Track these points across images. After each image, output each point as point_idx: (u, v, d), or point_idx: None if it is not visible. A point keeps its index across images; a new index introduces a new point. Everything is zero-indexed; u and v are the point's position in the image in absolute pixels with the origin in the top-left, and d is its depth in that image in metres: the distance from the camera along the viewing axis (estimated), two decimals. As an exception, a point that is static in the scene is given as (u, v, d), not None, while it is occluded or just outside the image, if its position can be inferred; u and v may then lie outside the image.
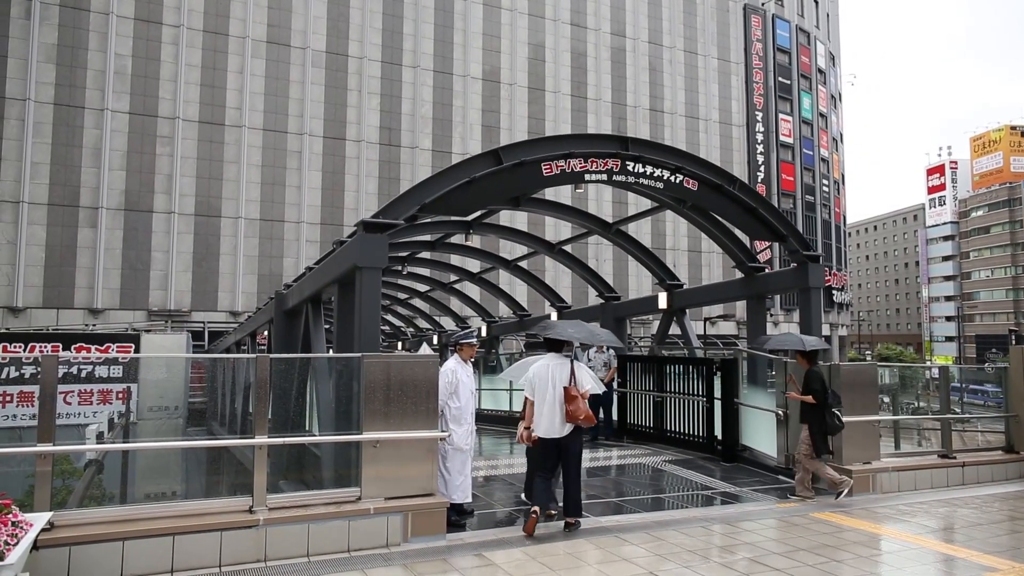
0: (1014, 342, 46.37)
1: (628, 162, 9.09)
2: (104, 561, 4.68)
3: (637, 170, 9.15)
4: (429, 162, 41.12)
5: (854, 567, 5.20)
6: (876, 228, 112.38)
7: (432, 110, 42.42)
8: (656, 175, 9.24)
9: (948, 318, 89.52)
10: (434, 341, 23.35)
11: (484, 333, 19.26)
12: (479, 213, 11.61)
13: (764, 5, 54.36)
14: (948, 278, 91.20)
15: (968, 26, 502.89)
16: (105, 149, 34.84)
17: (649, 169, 9.21)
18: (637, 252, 13.13)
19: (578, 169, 8.74)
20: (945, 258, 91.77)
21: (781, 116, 53.96)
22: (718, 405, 9.95)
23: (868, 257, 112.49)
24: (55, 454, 4.85)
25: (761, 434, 9.36)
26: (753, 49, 53.01)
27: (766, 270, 11.47)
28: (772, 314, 47.92)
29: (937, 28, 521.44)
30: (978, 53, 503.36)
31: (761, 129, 52.69)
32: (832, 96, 61.44)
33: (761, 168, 52.30)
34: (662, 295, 12.96)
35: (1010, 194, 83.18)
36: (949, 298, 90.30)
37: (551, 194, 13.62)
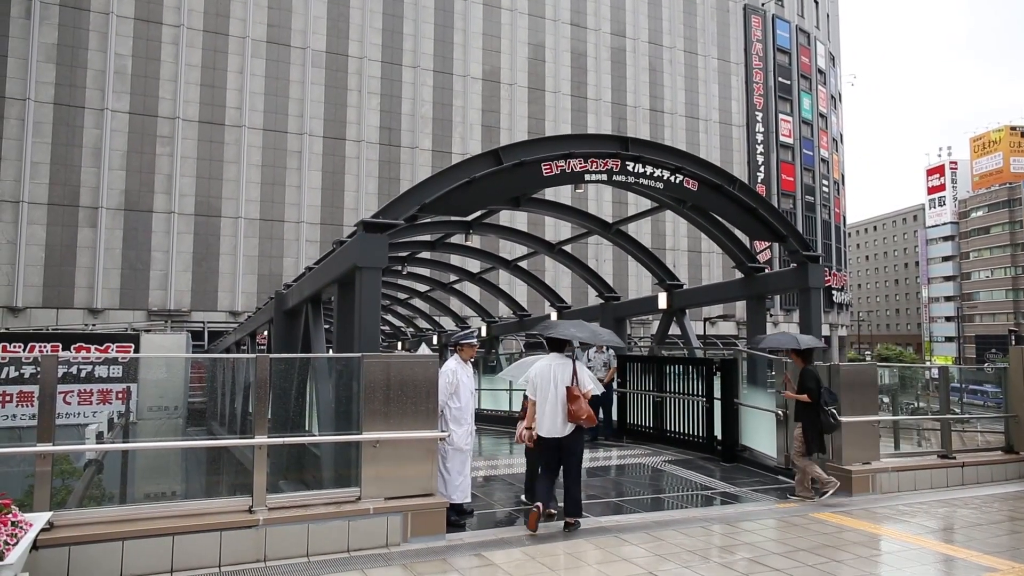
0: (1014, 342, 46.34)
1: (628, 162, 9.10)
2: (104, 561, 4.68)
3: (637, 170, 9.15)
4: (429, 162, 41.14)
5: (854, 567, 5.20)
6: (876, 228, 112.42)
7: (432, 110, 42.43)
8: (656, 175, 9.25)
9: (948, 318, 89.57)
10: (434, 341, 23.34)
11: (484, 333, 19.26)
12: (479, 213, 11.61)
13: (764, 5, 54.38)
14: (948, 278, 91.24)
15: (968, 26, 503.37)
16: (105, 149, 34.85)
17: (649, 169, 9.21)
18: (637, 252, 13.13)
19: (578, 169, 8.75)
20: (945, 258, 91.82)
21: (781, 116, 53.97)
22: (718, 405, 9.96)
23: (868, 257, 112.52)
24: (55, 454, 4.85)
25: (761, 434, 9.37)
26: (753, 49, 53.03)
27: (766, 270, 11.47)
28: (772, 314, 47.94)
29: (937, 28, 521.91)
30: (978, 53, 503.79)
31: (761, 129, 52.71)
32: (832, 96, 61.46)
33: (761, 168, 52.31)
34: (662, 295, 12.96)
35: (1010, 194, 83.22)
36: (949, 298, 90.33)
37: (551, 194, 13.63)
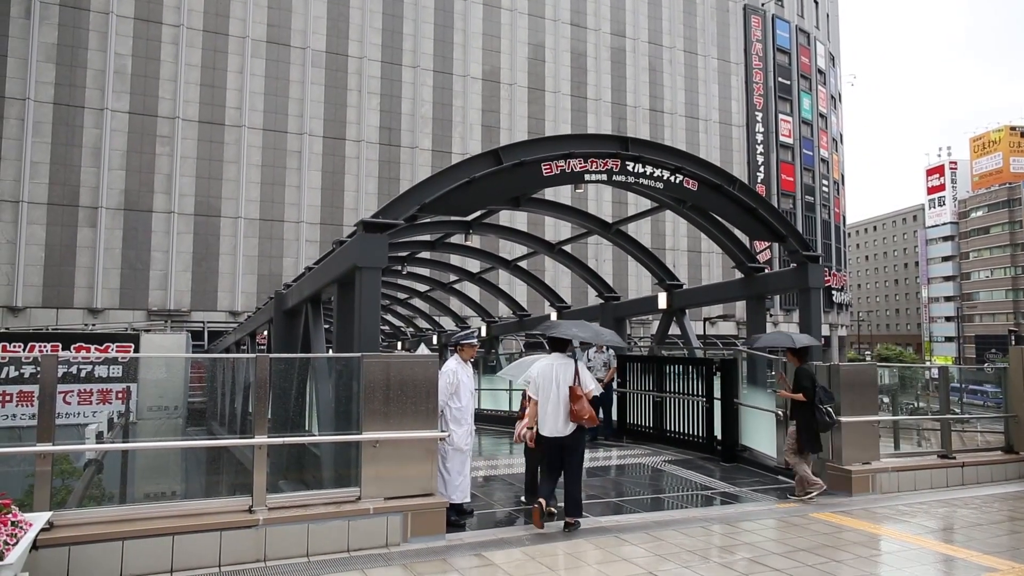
0: (1013, 342, 46.34)
1: (628, 162, 9.09)
2: (103, 561, 4.68)
3: (637, 170, 9.15)
4: (429, 162, 41.14)
5: (854, 567, 5.20)
6: (876, 228, 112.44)
7: (432, 110, 42.43)
8: (656, 175, 9.24)
9: (948, 318, 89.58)
10: (433, 341, 23.34)
11: (484, 333, 19.26)
12: (479, 213, 11.61)
13: (764, 5, 54.38)
14: (948, 278, 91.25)
15: (968, 26, 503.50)
16: (105, 149, 34.84)
17: (649, 169, 9.21)
18: (637, 252, 13.13)
19: (578, 169, 8.74)
20: (945, 258, 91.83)
21: (781, 116, 53.98)
22: (718, 405, 9.95)
23: (868, 257, 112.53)
24: (54, 454, 4.85)
25: (761, 434, 9.37)
26: (753, 49, 53.03)
27: (766, 270, 11.47)
28: (772, 314, 47.95)
29: (937, 28, 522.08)
30: (978, 53, 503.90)
31: (761, 129, 52.71)
32: (832, 96, 61.46)
33: (761, 168, 52.31)
34: (662, 295, 12.96)
35: (1010, 194, 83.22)
36: (949, 298, 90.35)
37: (551, 194, 13.62)
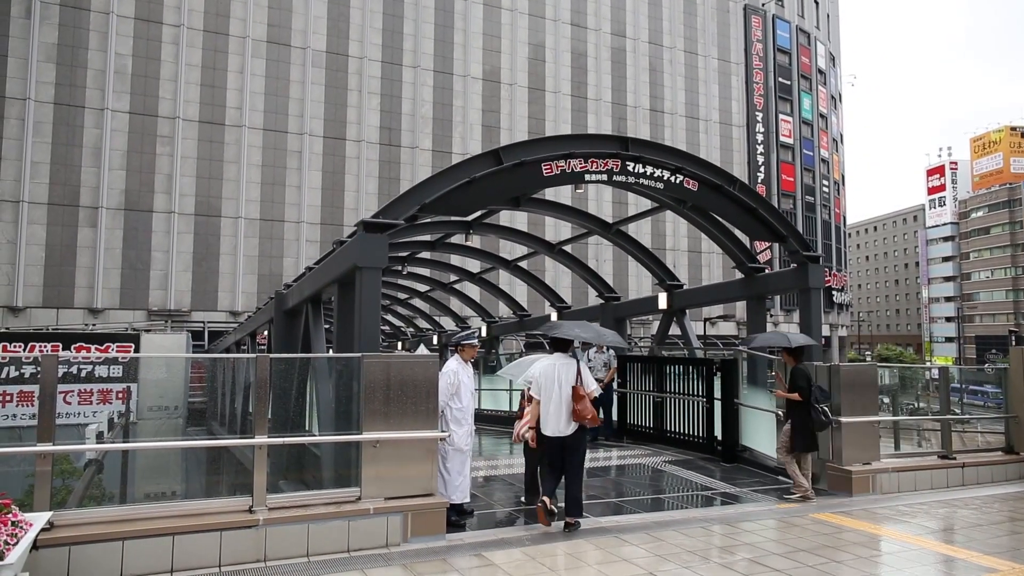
0: (1014, 343, 46.34)
1: (628, 162, 9.09)
2: (104, 561, 4.68)
3: (637, 170, 9.14)
4: (429, 162, 41.13)
5: (854, 568, 5.20)
6: (876, 229, 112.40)
7: (432, 110, 42.42)
8: (656, 175, 9.24)
9: (948, 319, 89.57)
10: (433, 341, 23.34)
11: (484, 333, 19.25)
12: (479, 213, 11.60)
13: (764, 6, 54.38)
14: (948, 279, 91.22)
15: (968, 26, 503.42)
16: (105, 149, 34.85)
17: (649, 169, 9.20)
18: (637, 252, 13.13)
19: (578, 169, 8.74)
20: (945, 259, 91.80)
21: (781, 117, 53.97)
22: (718, 405, 9.95)
23: (868, 258, 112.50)
24: (55, 454, 4.85)
25: (761, 435, 9.36)
26: (753, 49, 53.02)
27: (766, 271, 11.47)
28: (772, 315, 47.93)
29: (937, 28, 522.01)
30: (978, 53, 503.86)
31: (761, 130, 52.70)
32: (832, 97, 61.45)
33: (761, 168, 52.30)
34: (662, 295, 12.96)
35: (1010, 195, 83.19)
36: (949, 299, 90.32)
37: (551, 194, 13.63)
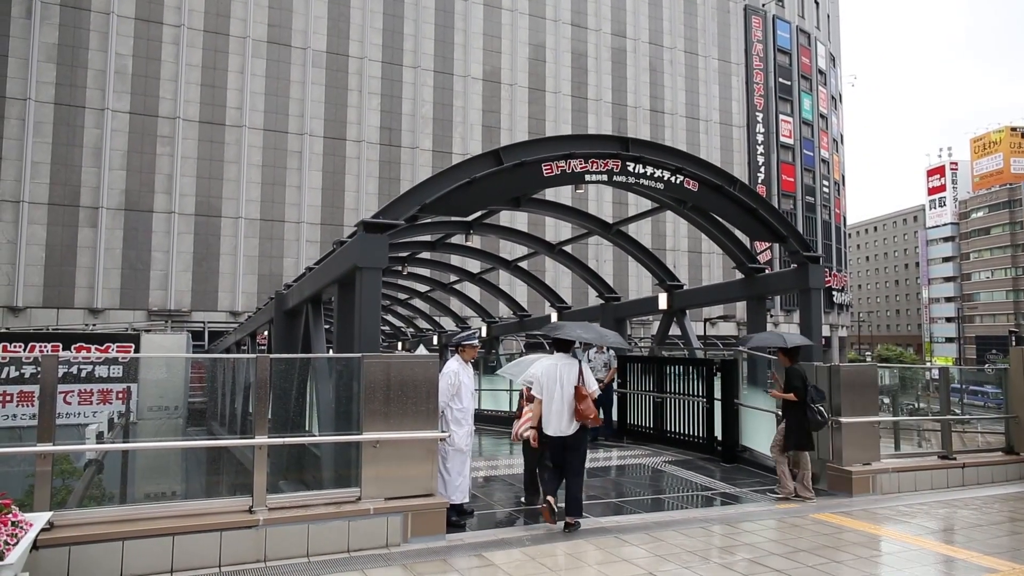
0: (1014, 343, 46.32)
1: (628, 163, 9.08)
2: (104, 561, 4.68)
3: (637, 171, 9.14)
4: (429, 162, 41.13)
5: (854, 568, 5.20)
6: (876, 229, 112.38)
7: (432, 110, 42.42)
8: (656, 176, 9.24)
9: (948, 319, 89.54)
10: (433, 342, 23.34)
11: (484, 333, 19.26)
12: (479, 213, 11.60)
13: (765, 6, 54.37)
14: (948, 279, 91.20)
15: (968, 26, 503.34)
16: (105, 149, 34.84)
17: (649, 170, 9.20)
18: (637, 253, 13.12)
19: (579, 170, 8.74)
20: (945, 259, 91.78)
21: (781, 117, 53.96)
22: (718, 406, 9.95)
23: (868, 258, 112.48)
24: (55, 454, 4.85)
25: (761, 435, 9.36)
26: (754, 50, 53.02)
27: (766, 271, 11.47)
28: (772, 315, 47.90)
29: (937, 28, 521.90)
30: (978, 53, 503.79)
31: (761, 130, 52.70)
32: (832, 97, 61.44)
33: (761, 169, 52.30)
34: (662, 296, 12.96)
35: (1010, 195, 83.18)
36: (949, 299, 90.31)
37: (551, 194, 13.63)
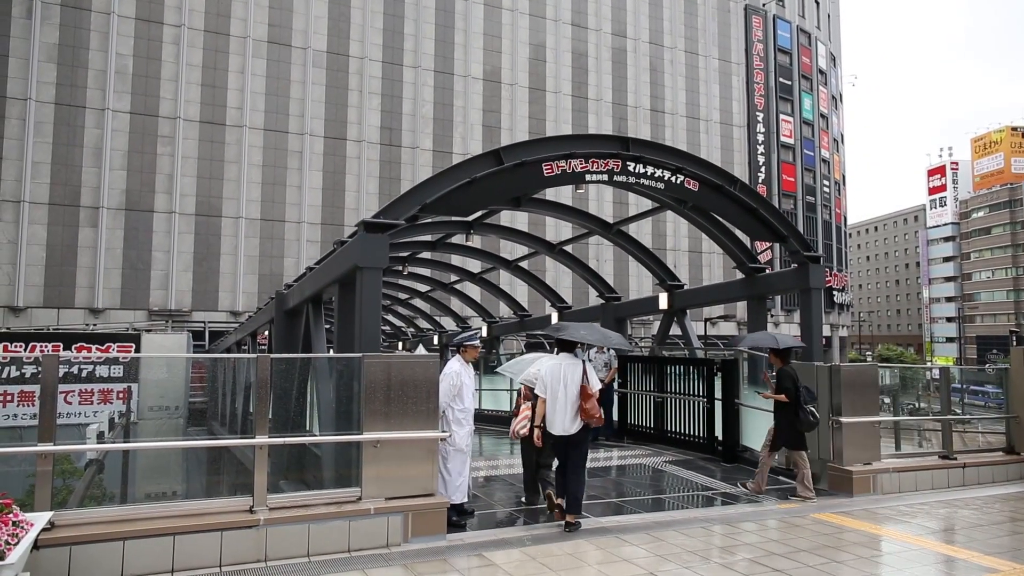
0: (1015, 343, 46.26)
1: (629, 162, 9.08)
2: (104, 561, 4.68)
3: (638, 170, 9.14)
4: (430, 162, 41.13)
5: (855, 568, 5.20)
6: (877, 229, 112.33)
7: (433, 110, 42.42)
8: (657, 175, 9.23)
9: (949, 319, 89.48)
10: (434, 342, 23.35)
11: (485, 333, 19.25)
12: (480, 213, 11.60)
13: (765, 6, 54.35)
14: (949, 279, 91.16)
15: (968, 26, 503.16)
16: (106, 149, 34.85)
17: (650, 170, 9.20)
18: (638, 252, 13.12)
19: (579, 169, 8.73)
20: (946, 259, 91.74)
21: (782, 117, 53.94)
22: (719, 406, 9.96)
23: (869, 258, 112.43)
24: (56, 454, 4.85)
25: (762, 435, 9.28)
26: (754, 50, 53.00)
27: (767, 271, 11.46)
28: (772, 315, 47.90)
29: (937, 28, 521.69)
30: (978, 53, 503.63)
31: (762, 130, 52.68)
32: (833, 97, 61.41)
33: (762, 169, 52.28)
34: (663, 295, 12.95)
35: (1011, 195, 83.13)
36: (950, 299, 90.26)
37: (552, 194, 13.61)
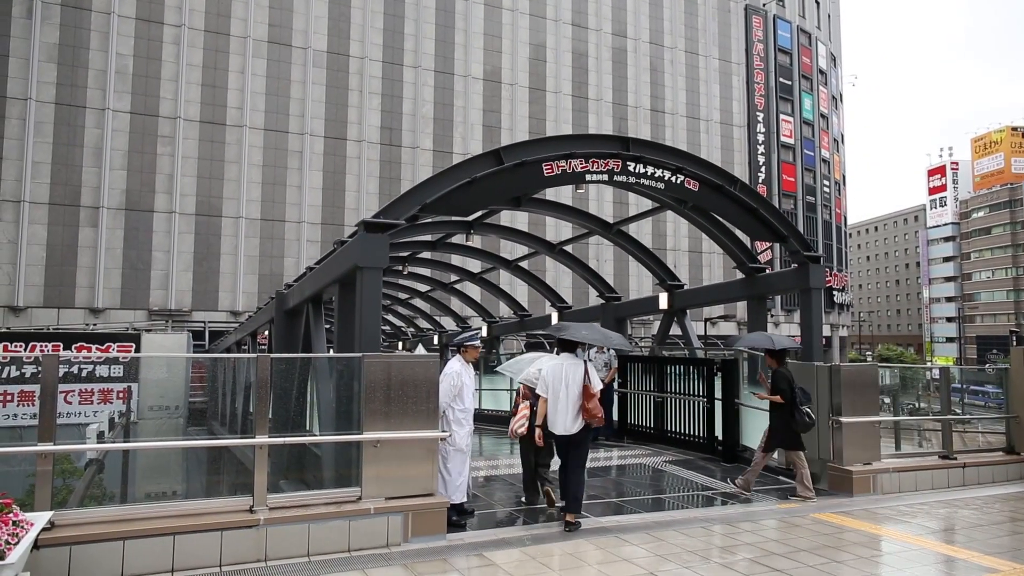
0: (1015, 343, 46.26)
1: (629, 162, 9.07)
2: (104, 560, 4.68)
3: (638, 170, 9.13)
4: (430, 162, 41.13)
5: (855, 568, 5.20)
6: (877, 229, 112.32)
7: (433, 110, 42.42)
8: (657, 175, 9.23)
9: (949, 319, 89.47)
10: (434, 341, 23.34)
11: (485, 333, 19.25)
12: (480, 213, 11.59)
13: (765, 6, 54.34)
14: (949, 279, 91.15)
15: (968, 26, 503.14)
16: (106, 148, 34.86)
17: (650, 169, 9.19)
18: (638, 252, 13.11)
19: (579, 169, 8.73)
20: (946, 259, 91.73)
21: (782, 117, 53.93)
22: (718, 405, 9.96)
23: (869, 258, 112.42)
24: (56, 453, 4.85)
25: (761, 435, 9.35)
26: (754, 50, 52.99)
27: (767, 271, 11.46)
28: (773, 315, 47.90)
29: (937, 28, 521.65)
30: (978, 53, 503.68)
31: (762, 130, 52.67)
32: (833, 97, 61.40)
33: (762, 169, 52.27)
34: (663, 295, 12.94)
35: (1011, 195, 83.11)
36: (950, 299, 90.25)
37: (552, 194, 13.61)
